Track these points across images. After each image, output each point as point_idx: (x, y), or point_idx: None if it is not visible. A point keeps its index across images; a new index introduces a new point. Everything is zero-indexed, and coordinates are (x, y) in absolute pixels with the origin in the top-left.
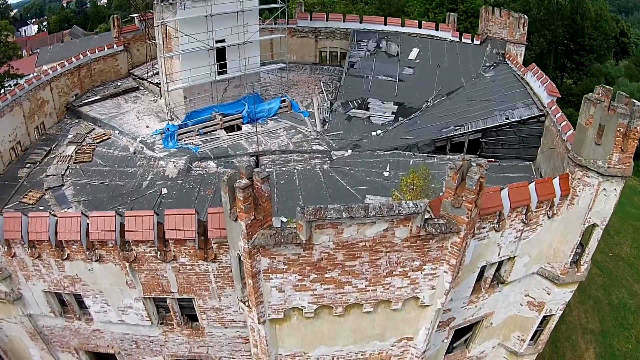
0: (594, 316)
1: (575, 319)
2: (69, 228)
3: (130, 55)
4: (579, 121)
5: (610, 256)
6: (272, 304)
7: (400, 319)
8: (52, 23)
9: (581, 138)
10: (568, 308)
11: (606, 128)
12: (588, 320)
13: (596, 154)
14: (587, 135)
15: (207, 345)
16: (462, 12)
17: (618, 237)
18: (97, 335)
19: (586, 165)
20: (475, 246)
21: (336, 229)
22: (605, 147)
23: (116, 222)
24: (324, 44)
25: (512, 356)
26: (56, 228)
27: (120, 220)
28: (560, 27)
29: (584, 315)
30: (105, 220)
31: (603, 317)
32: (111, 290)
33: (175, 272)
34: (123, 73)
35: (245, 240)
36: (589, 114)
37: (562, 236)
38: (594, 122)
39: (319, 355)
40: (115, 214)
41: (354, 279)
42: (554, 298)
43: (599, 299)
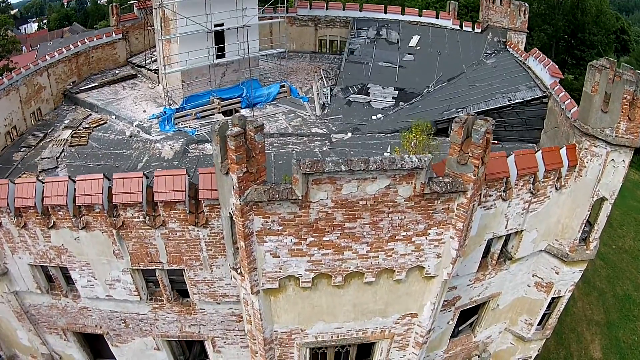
0: (598, 308)
1: (580, 311)
2: (56, 193)
3: (129, 43)
4: (584, 89)
5: (614, 248)
6: (267, 271)
7: (403, 292)
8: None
9: (587, 106)
10: (573, 300)
11: (612, 96)
12: (593, 312)
13: (603, 123)
14: (593, 103)
15: (199, 324)
16: (462, 5)
17: (621, 230)
18: (84, 314)
19: (593, 134)
20: (481, 216)
21: (335, 185)
22: (612, 116)
23: (104, 185)
24: (324, 33)
25: (519, 341)
26: (43, 194)
27: (108, 185)
28: (560, 22)
29: (589, 307)
30: (93, 184)
31: (608, 308)
32: (98, 261)
33: (164, 240)
34: (121, 61)
35: (237, 196)
36: (594, 81)
37: (571, 210)
38: (600, 90)
39: (317, 333)
40: (102, 177)
41: (354, 244)
42: (563, 278)
43: (604, 291)
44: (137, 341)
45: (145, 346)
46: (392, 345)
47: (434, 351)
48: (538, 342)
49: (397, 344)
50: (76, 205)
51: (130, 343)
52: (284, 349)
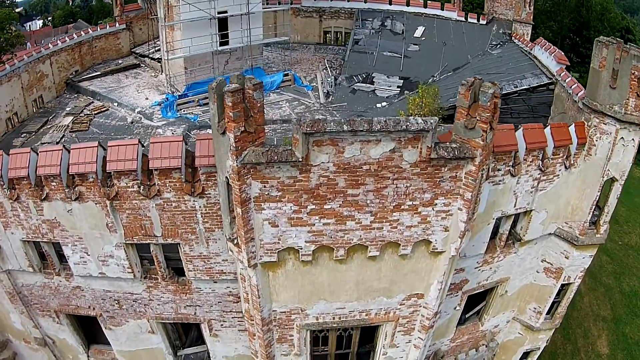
0: (605, 303)
1: (587, 306)
2: (49, 162)
3: (132, 34)
4: (591, 66)
5: (620, 245)
6: (265, 242)
7: (409, 270)
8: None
9: (595, 83)
10: (579, 295)
11: (620, 71)
12: (600, 308)
13: (612, 99)
14: (601, 79)
15: (195, 305)
16: (467, 1)
17: (627, 226)
18: (77, 294)
19: (602, 111)
20: (490, 192)
21: (337, 147)
22: (621, 92)
23: (98, 154)
24: (329, 24)
25: (528, 331)
26: (36, 165)
27: (103, 153)
28: (566, 19)
29: (596, 302)
30: (87, 152)
31: (614, 304)
32: (91, 235)
33: (159, 211)
34: (125, 52)
35: (234, 157)
36: (601, 57)
37: (580, 191)
38: (607, 65)
39: (318, 313)
40: (97, 145)
41: (357, 213)
42: (573, 263)
43: (610, 287)
44: (131, 324)
45: (139, 329)
46: (397, 329)
47: (440, 339)
48: (547, 332)
49: (402, 327)
50: (70, 175)
51: (124, 326)
52: (283, 330)
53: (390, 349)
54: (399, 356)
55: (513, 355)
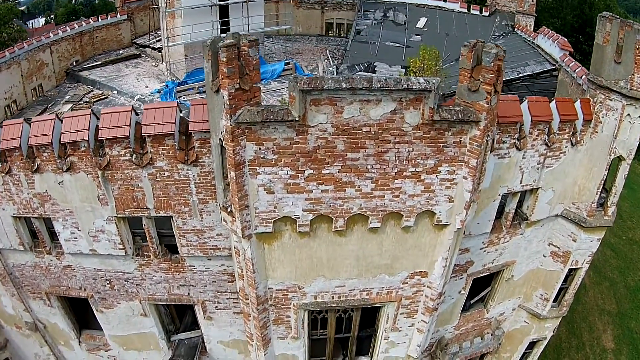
0: (610, 298)
1: (592, 300)
2: (42, 132)
3: (134, 25)
4: (595, 41)
5: (624, 240)
6: (260, 211)
7: (412, 245)
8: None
9: (599, 58)
10: (584, 289)
11: (624, 46)
12: (604, 302)
13: (617, 74)
14: (605, 53)
15: (189, 284)
16: None
17: (631, 222)
18: (68, 274)
19: (607, 86)
20: (495, 165)
21: (335, 107)
22: (626, 67)
23: (91, 122)
24: (331, 15)
25: (534, 319)
26: (29, 136)
27: (95, 122)
28: (569, 15)
29: (600, 297)
30: (80, 120)
31: (619, 299)
32: (82, 208)
33: (151, 181)
34: (126, 42)
35: (228, 116)
36: (605, 32)
37: (587, 170)
38: (611, 40)
39: (316, 292)
40: (90, 113)
41: (357, 179)
42: (580, 246)
43: (615, 281)
44: (123, 306)
45: (131, 312)
46: (400, 311)
47: (444, 326)
48: (553, 321)
49: (405, 309)
50: (61, 145)
51: (116, 308)
52: (280, 311)
53: (393, 333)
54: (401, 341)
55: (519, 345)
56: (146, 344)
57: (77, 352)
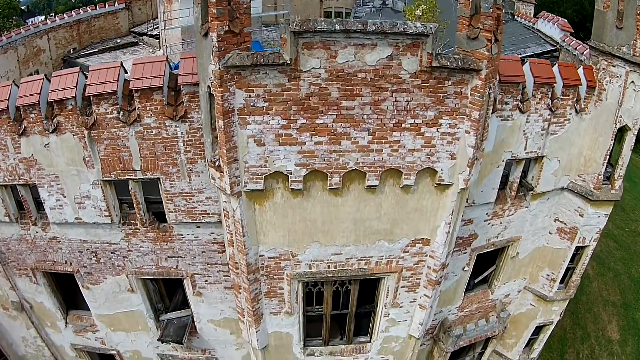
0: (614, 288)
1: (596, 291)
2: (29, 92)
3: (132, 13)
4: (596, 7)
5: (627, 231)
6: (250, 165)
7: (413, 208)
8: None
9: (601, 24)
10: (587, 279)
11: (625, 12)
12: (609, 293)
13: (619, 40)
14: (606, 19)
15: (177, 256)
16: None
17: (634, 214)
18: (54, 247)
19: (610, 52)
20: (498, 128)
21: (329, 51)
22: (628, 32)
23: (79, 80)
24: (329, 4)
25: (541, 302)
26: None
27: (84, 81)
28: (569, 10)
29: (605, 287)
30: (67, 78)
31: (623, 290)
32: (67, 172)
33: (139, 140)
34: (123, 31)
35: (217, 59)
36: None
37: (593, 140)
38: (612, 5)
39: (311, 260)
40: (78, 71)
41: (353, 130)
42: (588, 222)
43: (619, 272)
44: (110, 281)
45: (118, 287)
46: (400, 284)
47: (447, 306)
48: (560, 304)
49: (406, 281)
50: (49, 106)
51: (102, 284)
52: (272, 282)
53: (393, 310)
54: (402, 319)
55: (525, 331)
56: (134, 323)
57: (64, 334)
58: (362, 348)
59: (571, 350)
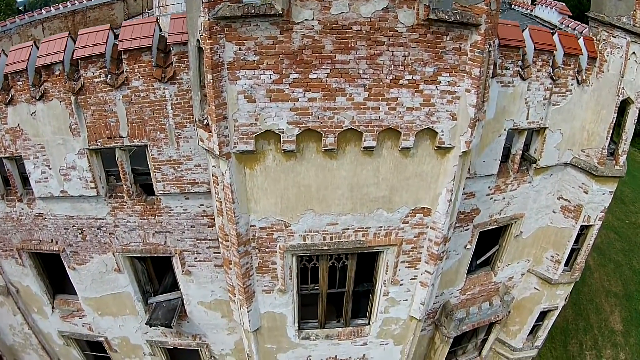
0: (616, 280)
1: (597, 282)
2: (18, 58)
3: (127, 5)
4: None
5: (627, 223)
6: (240, 124)
7: (413, 173)
8: None
9: None
10: (589, 270)
11: None
12: (610, 284)
13: (619, 10)
14: None
15: (165, 231)
16: None
17: (634, 207)
18: (39, 224)
19: (610, 22)
20: (499, 94)
21: (322, 2)
22: (627, 2)
23: (67, 44)
24: None
25: (545, 285)
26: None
27: (72, 46)
28: (567, 4)
29: (606, 278)
30: (56, 43)
31: (625, 281)
32: (53, 142)
33: (126, 104)
34: (119, 23)
35: (206, 10)
36: None
37: (595, 113)
38: None
39: (305, 231)
40: (67, 36)
41: (348, 86)
42: (592, 199)
43: (620, 263)
44: (96, 260)
45: (105, 267)
46: (400, 258)
47: (448, 288)
48: (565, 288)
49: (406, 256)
50: (36, 73)
51: (89, 264)
52: (264, 255)
53: (393, 288)
54: (402, 298)
55: (529, 316)
56: (122, 307)
57: (51, 321)
58: (361, 331)
59: (574, 341)
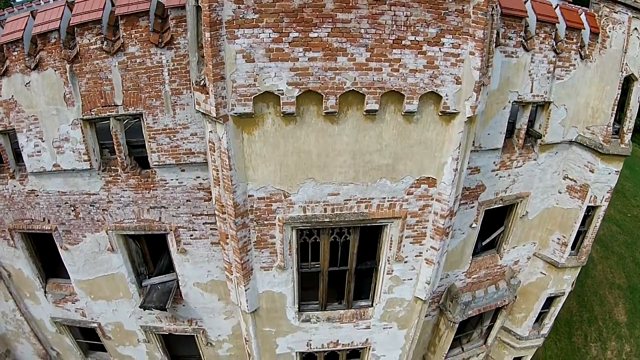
0: (619, 272)
1: (601, 274)
2: (14, 29)
3: None
4: None
5: (629, 217)
6: (238, 85)
7: (417, 140)
8: None
9: None
10: (592, 262)
11: None
12: (614, 276)
13: None
14: None
15: (160, 206)
16: None
17: (635, 200)
18: (31, 202)
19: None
20: (502, 64)
21: None
22: None
23: (64, 12)
24: None
25: (552, 269)
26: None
27: (69, 15)
28: None
29: (609, 270)
30: (53, 12)
31: (629, 273)
32: (47, 113)
33: (122, 71)
34: None
35: None
36: None
37: (599, 90)
38: None
39: (305, 201)
40: (64, 4)
41: (350, 45)
42: (599, 179)
43: (623, 256)
44: (89, 239)
45: (98, 246)
46: (405, 233)
47: (453, 270)
48: (572, 272)
49: (411, 230)
50: (32, 43)
51: (81, 243)
52: (262, 228)
53: (397, 265)
54: (407, 277)
55: (535, 302)
56: (115, 289)
57: (44, 306)
58: (364, 313)
59: (579, 333)
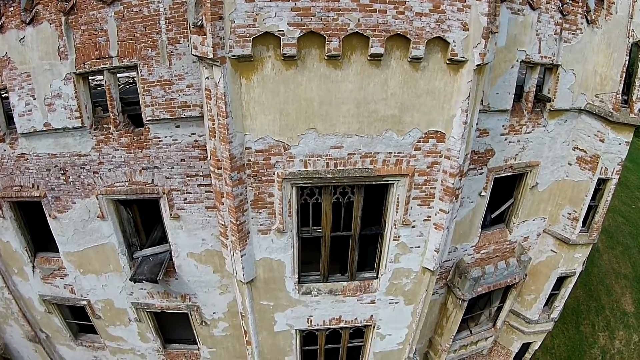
0: (625, 262)
1: (607, 263)
2: None
3: None
4: None
5: (634, 208)
6: (237, 25)
7: (424, 90)
8: None
9: None
10: (597, 252)
11: None
12: (620, 265)
13: None
14: None
15: (153, 167)
16: None
17: (639, 193)
18: (21, 167)
19: None
20: (509, 21)
21: None
22: None
23: None
24: None
25: (562, 247)
26: None
27: None
28: None
29: (615, 260)
30: None
31: (634, 263)
32: (40, 68)
33: (118, 21)
34: None
35: None
36: None
37: (607, 57)
38: None
39: (306, 155)
40: None
41: None
42: (609, 149)
43: (628, 246)
44: (79, 206)
45: (87, 214)
46: (412, 193)
47: (462, 243)
48: (583, 250)
49: (418, 190)
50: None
51: (71, 210)
52: (260, 185)
53: (404, 230)
54: (414, 244)
55: (545, 282)
56: (105, 262)
57: (32, 283)
58: (368, 286)
59: (586, 322)
